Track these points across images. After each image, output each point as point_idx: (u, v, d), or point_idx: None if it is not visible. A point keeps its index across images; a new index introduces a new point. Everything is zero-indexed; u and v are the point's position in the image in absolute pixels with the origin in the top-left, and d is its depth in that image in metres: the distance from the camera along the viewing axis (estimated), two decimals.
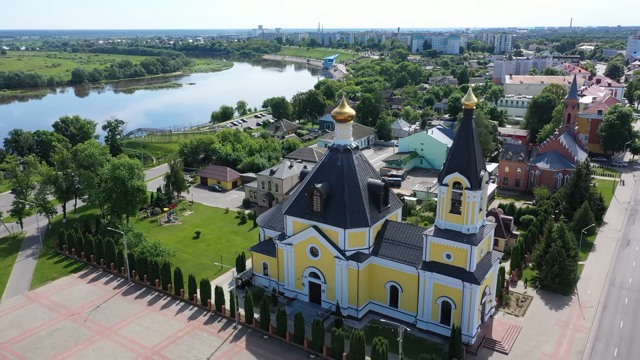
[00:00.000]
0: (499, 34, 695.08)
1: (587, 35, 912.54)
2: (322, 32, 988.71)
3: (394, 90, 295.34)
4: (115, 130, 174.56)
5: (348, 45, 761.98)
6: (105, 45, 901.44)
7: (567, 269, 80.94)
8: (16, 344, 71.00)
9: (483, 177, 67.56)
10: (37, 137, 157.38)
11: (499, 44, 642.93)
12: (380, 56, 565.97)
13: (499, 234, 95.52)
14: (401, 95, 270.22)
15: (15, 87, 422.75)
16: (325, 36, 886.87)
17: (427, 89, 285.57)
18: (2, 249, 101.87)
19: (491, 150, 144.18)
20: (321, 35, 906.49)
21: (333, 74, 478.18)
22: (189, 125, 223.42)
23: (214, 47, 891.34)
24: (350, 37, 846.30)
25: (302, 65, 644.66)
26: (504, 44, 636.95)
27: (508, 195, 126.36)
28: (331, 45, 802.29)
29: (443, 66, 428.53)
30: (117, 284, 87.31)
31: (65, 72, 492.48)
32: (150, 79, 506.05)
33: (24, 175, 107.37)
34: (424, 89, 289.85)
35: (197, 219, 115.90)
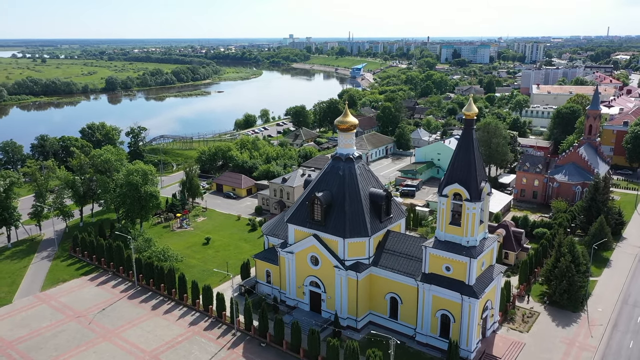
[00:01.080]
0: (530, 43, 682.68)
1: (625, 45, 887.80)
2: (352, 41, 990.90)
3: (418, 99, 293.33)
4: (138, 136, 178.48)
5: (377, 54, 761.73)
6: (140, 54, 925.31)
7: (576, 285, 78.44)
8: (22, 344, 72.99)
9: (484, 189, 66.38)
10: (62, 142, 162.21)
11: (530, 53, 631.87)
12: (408, 65, 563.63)
13: (509, 247, 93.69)
14: (425, 104, 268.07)
15: (51, 94, 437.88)
16: (354, 45, 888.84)
17: (452, 98, 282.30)
18: (20, 251, 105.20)
19: (509, 162, 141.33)
20: (350, 44, 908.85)
21: (360, 83, 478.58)
22: (212, 132, 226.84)
23: (244, 56, 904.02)
24: (379, 46, 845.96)
25: (330, 74, 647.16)
26: (535, 53, 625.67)
27: (525, 207, 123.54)
28: (360, 54, 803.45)
29: (471, 75, 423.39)
30: (125, 287, 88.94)
31: (100, 79, 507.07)
32: (180, 87, 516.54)
33: (43, 179, 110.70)
34: (449, 98, 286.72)
35: (209, 225, 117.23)
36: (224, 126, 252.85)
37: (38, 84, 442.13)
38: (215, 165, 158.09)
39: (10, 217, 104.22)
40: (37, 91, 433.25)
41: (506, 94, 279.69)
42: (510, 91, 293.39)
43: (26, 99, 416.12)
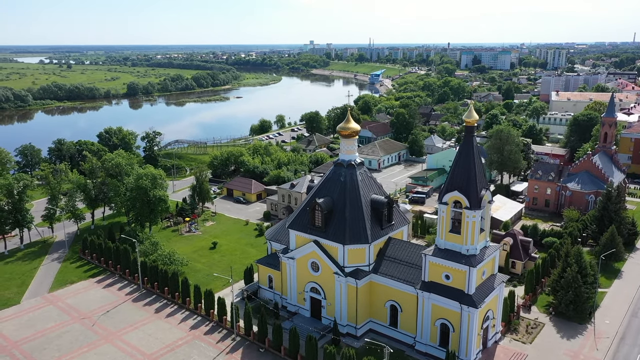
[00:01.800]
0: (552, 49, 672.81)
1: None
2: (373, 47, 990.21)
3: (435, 105, 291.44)
4: (153, 141, 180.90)
5: (396, 61, 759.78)
6: (162, 60, 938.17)
7: (582, 296, 76.66)
8: (27, 344, 74.29)
9: (484, 197, 65.53)
10: (78, 146, 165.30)
11: (552, 60, 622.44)
12: (427, 71, 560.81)
13: (516, 256, 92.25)
14: (441, 111, 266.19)
15: (75, 99, 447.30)
16: (374, 51, 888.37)
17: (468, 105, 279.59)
18: (32, 252, 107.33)
19: (522, 169, 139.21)
20: (370, 50, 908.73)
21: (379, 89, 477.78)
22: (228, 137, 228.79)
23: (265, 62, 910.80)
24: (399, 52, 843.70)
25: (350, 80, 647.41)
26: (557, 59, 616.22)
27: (536, 216, 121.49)
28: (379, 60, 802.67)
29: (490, 82, 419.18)
30: (130, 290, 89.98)
31: (122, 85, 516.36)
32: (200, 92, 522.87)
33: (56, 182, 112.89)
34: (466, 105, 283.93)
35: (217, 229, 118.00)
36: (240, 131, 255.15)
37: (62, 89, 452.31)
38: (228, 170, 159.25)
39: (23, 219, 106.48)
40: (61, 96, 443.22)
41: (524, 101, 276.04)
42: (529, 98, 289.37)
43: (50, 103, 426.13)
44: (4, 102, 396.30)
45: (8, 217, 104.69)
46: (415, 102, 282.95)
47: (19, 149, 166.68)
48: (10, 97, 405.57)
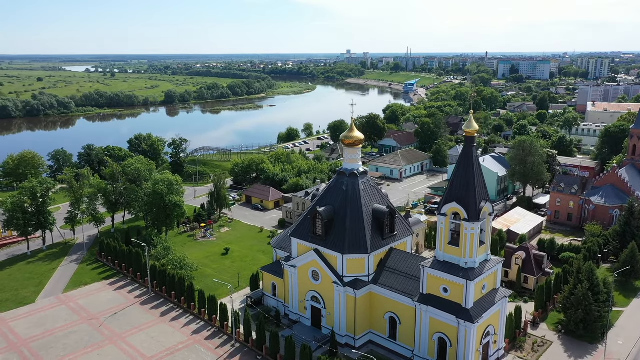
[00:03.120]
0: (594, 58, 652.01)
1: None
2: (410, 57, 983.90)
3: (465, 115, 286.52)
4: (179, 148, 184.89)
5: (432, 70, 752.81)
6: (201, 69, 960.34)
7: (593, 315, 73.53)
8: (35, 342, 76.74)
9: (483, 209, 63.89)
10: (106, 152, 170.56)
11: (593, 69, 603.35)
12: (463, 80, 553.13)
13: (529, 271, 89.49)
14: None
15: (115, 106, 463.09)
16: (409, 60, 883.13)
17: (500, 115, 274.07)
18: (53, 253, 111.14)
19: (546, 181, 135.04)
20: (405, 59, 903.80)
21: (412, 98, 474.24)
22: (255, 145, 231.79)
23: (301, 71, 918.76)
24: (435, 61, 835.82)
25: (384, 89, 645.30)
26: (599, 69, 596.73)
27: (558, 230, 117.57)
28: (415, 69, 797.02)
29: (526, 92, 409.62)
30: (140, 293, 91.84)
31: (160, 93, 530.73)
32: (235, 101, 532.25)
33: (78, 186, 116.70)
34: (497, 115, 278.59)
35: (232, 236, 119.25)
36: (268, 139, 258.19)
37: (103, 97, 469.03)
38: (249, 177, 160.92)
39: (45, 221, 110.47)
40: (102, 103, 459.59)
41: (558, 111, 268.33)
42: (563, 108, 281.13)
43: (91, 110, 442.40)
44: (49, 109, 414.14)
45: (32, 219, 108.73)
46: (445, 112, 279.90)
47: (52, 153, 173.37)
48: (54, 104, 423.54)
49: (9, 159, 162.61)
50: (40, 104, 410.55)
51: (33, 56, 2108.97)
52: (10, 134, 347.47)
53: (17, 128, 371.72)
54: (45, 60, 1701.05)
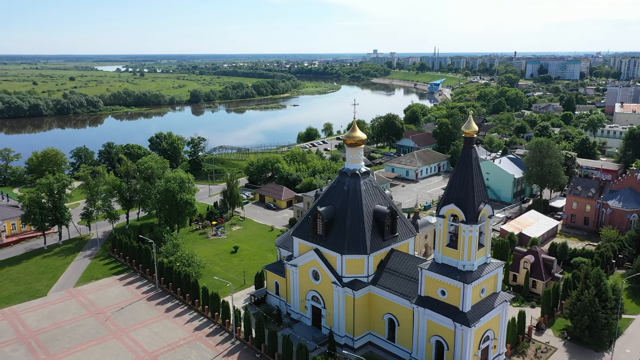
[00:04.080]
0: (627, 58, 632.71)
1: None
2: (437, 56, 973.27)
3: (489, 116, 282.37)
4: (198, 146, 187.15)
5: (458, 70, 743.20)
6: (228, 69, 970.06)
7: (600, 321, 71.51)
8: (43, 334, 78.85)
9: (482, 211, 62.79)
10: (126, 149, 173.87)
11: (626, 69, 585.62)
12: (490, 80, 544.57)
13: (537, 276, 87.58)
14: (494, 121, 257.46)
15: (142, 105, 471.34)
16: (435, 60, 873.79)
17: (524, 116, 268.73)
18: (68, 248, 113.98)
19: (563, 184, 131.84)
20: (433, 59, 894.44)
21: (437, 98, 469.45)
22: (274, 144, 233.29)
23: (326, 71, 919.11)
24: (462, 61, 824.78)
25: (409, 89, 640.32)
26: (632, 69, 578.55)
27: (573, 234, 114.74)
28: (441, 69, 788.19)
29: (553, 92, 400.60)
30: (147, 289, 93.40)
31: (186, 92, 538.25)
32: (259, 100, 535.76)
33: (94, 183, 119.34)
34: (521, 116, 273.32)
35: (242, 234, 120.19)
36: (288, 139, 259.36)
37: (131, 96, 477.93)
38: (264, 176, 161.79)
39: (62, 217, 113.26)
40: (129, 102, 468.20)
41: (584, 112, 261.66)
42: (589, 109, 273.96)
43: (119, 109, 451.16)
44: (78, 107, 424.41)
45: (48, 214, 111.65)
46: (466, 113, 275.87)
47: (74, 151, 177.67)
48: (83, 102, 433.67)
49: (33, 155, 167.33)
50: (70, 103, 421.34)
51: (67, 56, 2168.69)
52: (41, 132, 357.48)
53: (47, 126, 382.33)
54: (79, 60, 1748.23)
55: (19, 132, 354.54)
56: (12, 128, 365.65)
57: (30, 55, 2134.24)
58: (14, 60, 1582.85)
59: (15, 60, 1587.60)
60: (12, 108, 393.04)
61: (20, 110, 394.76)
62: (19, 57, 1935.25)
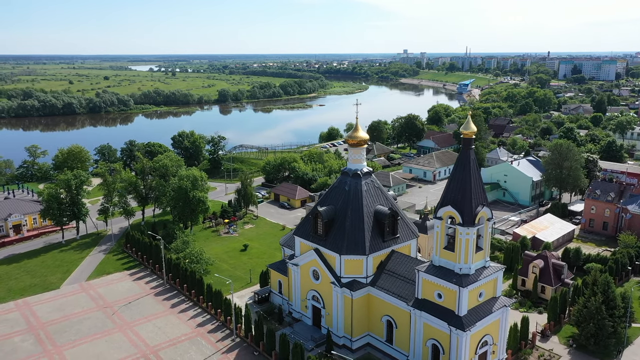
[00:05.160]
0: None
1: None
2: (468, 56, 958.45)
3: (516, 117, 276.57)
4: (218, 145, 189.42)
5: (489, 70, 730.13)
6: (258, 68, 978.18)
7: (606, 329, 69.24)
8: (52, 326, 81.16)
9: (480, 213, 61.59)
10: (148, 147, 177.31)
11: None
12: (521, 81, 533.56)
13: (546, 281, 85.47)
14: (520, 123, 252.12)
15: (171, 104, 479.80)
16: (465, 60, 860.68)
17: (551, 117, 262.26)
18: (84, 243, 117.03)
19: (583, 188, 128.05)
20: (463, 59, 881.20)
21: (466, 99, 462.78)
22: (296, 143, 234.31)
23: (355, 71, 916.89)
24: (493, 61, 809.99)
25: (438, 90, 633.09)
26: None
27: (591, 239, 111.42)
28: (471, 69, 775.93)
29: (585, 93, 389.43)
30: (156, 284, 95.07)
31: (215, 92, 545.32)
32: (286, 100, 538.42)
33: (111, 180, 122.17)
34: (549, 117, 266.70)
35: (254, 233, 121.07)
36: (310, 138, 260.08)
37: (160, 95, 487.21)
38: (281, 175, 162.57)
39: (79, 212, 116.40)
40: (159, 101, 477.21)
41: (615, 114, 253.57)
42: (620, 111, 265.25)
43: (149, 108, 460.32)
44: (109, 106, 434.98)
45: (66, 210, 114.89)
46: (493, 114, 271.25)
47: (98, 148, 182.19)
48: (114, 101, 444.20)
49: (59, 152, 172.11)
50: (102, 101, 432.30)
51: (104, 56, 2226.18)
52: (74, 129, 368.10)
53: (80, 124, 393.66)
54: (114, 59, 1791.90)
55: (53, 129, 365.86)
56: (47, 125, 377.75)
57: (69, 55, 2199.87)
58: (53, 60, 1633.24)
59: (55, 60, 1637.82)
60: (47, 106, 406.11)
61: (55, 109, 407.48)
62: (57, 57, 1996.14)
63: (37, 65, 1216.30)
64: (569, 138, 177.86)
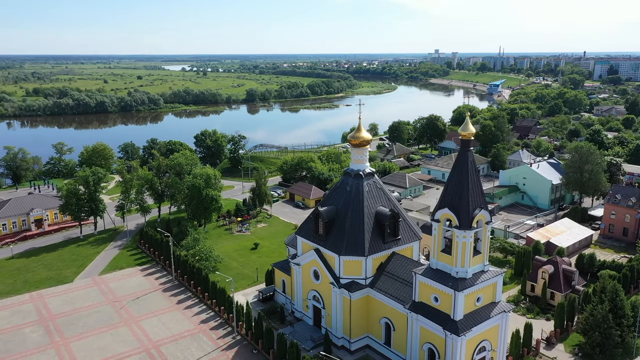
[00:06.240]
0: None
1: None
2: (502, 56, 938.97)
3: (544, 118, 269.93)
4: (238, 144, 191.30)
5: (521, 70, 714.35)
6: (287, 68, 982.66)
7: (613, 339, 66.98)
8: (61, 318, 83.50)
9: (477, 217, 60.40)
10: (169, 145, 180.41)
11: None
12: (554, 81, 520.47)
13: (556, 287, 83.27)
14: (547, 124, 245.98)
15: (199, 103, 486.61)
16: (499, 60, 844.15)
17: (581, 119, 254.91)
18: (101, 238, 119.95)
19: (604, 192, 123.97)
20: (494, 59, 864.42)
21: (496, 100, 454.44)
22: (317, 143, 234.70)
23: (384, 71, 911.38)
24: (525, 61, 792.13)
25: (468, 90, 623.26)
26: None
27: (610, 245, 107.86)
28: (503, 69, 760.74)
29: (621, 94, 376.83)
30: (165, 280, 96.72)
31: (244, 91, 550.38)
32: (313, 100, 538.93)
33: (128, 177, 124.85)
34: (578, 119, 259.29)
35: (266, 231, 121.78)
36: (334, 138, 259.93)
37: (190, 94, 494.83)
38: (298, 175, 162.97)
39: (97, 208, 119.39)
40: (188, 100, 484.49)
41: None
42: None
43: (178, 107, 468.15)
44: (140, 105, 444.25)
45: (84, 205, 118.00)
46: (520, 115, 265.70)
47: (121, 146, 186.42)
48: (145, 100, 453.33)
49: (84, 150, 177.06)
50: (133, 100, 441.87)
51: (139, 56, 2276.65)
52: (106, 127, 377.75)
53: (111, 122, 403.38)
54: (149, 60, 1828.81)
55: (86, 127, 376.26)
56: (80, 123, 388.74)
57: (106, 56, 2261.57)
58: (90, 60, 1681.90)
59: (92, 60, 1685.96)
60: (80, 105, 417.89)
61: (88, 107, 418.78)
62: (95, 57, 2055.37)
63: (75, 65, 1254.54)
64: (595, 141, 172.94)
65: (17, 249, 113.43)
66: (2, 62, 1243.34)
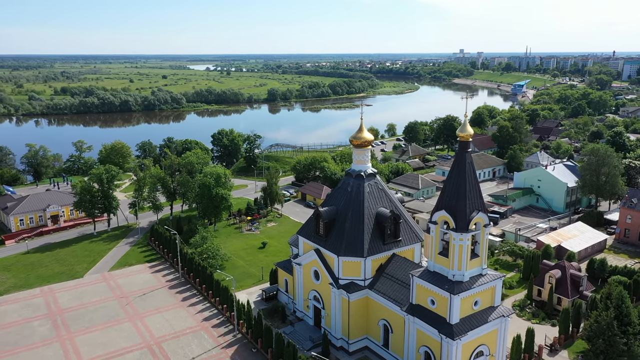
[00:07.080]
0: None
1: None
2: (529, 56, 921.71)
3: (567, 120, 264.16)
4: (254, 143, 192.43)
5: (547, 70, 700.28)
6: (310, 68, 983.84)
7: (617, 347, 65.15)
8: (69, 312, 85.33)
9: (474, 219, 59.48)
10: (185, 144, 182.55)
11: None
12: (580, 81, 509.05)
13: (563, 292, 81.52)
14: (569, 126, 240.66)
15: (221, 102, 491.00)
16: (523, 60, 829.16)
17: (605, 120, 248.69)
18: (114, 235, 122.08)
19: (621, 195, 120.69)
20: (520, 59, 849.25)
21: (519, 100, 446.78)
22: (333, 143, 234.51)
23: (407, 71, 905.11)
24: (552, 61, 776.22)
25: (492, 90, 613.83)
26: None
27: (625, 250, 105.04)
28: (528, 69, 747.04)
29: None
30: (172, 277, 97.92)
31: (265, 91, 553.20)
32: (334, 100, 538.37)
33: (142, 175, 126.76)
34: (602, 120, 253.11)
35: (275, 230, 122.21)
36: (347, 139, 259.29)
37: (212, 94, 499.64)
38: (311, 174, 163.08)
39: (110, 205, 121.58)
40: (210, 100, 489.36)
41: None
42: None
43: (200, 106, 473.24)
44: (163, 104, 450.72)
45: (98, 203, 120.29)
46: (542, 116, 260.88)
47: (139, 144, 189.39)
48: (168, 99, 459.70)
49: (103, 147, 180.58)
50: (156, 100, 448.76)
51: (165, 56, 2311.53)
52: (129, 126, 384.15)
53: (135, 120, 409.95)
54: (174, 59, 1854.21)
55: (110, 125, 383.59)
56: (104, 122, 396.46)
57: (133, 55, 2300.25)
58: (118, 59, 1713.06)
59: (120, 59, 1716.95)
60: (105, 104, 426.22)
61: (112, 106, 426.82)
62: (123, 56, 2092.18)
63: (103, 64, 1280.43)
64: (616, 143, 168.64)
65: (33, 244, 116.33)
66: (34, 61, 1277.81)
